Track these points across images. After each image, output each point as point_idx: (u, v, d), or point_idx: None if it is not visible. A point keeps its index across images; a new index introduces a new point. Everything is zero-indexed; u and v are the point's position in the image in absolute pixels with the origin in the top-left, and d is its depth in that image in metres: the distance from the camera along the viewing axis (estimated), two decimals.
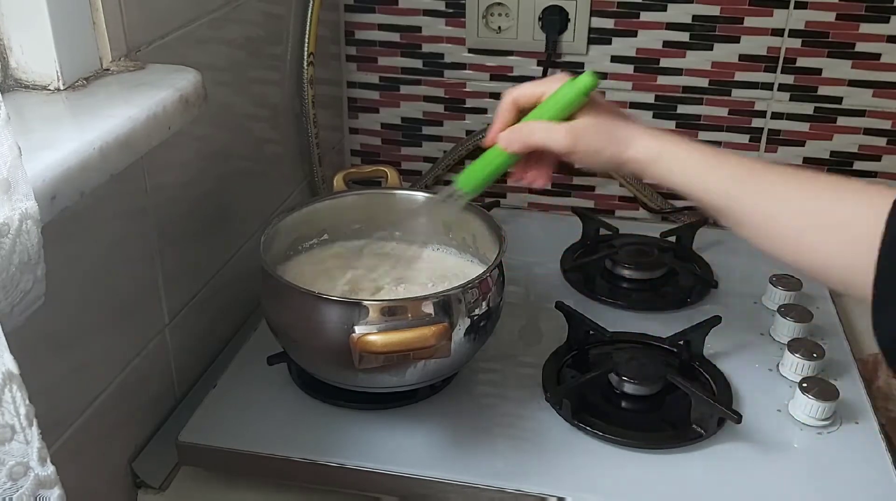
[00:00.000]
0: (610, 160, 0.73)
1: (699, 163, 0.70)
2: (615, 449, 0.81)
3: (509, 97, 0.76)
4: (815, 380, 0.85)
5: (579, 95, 0.72)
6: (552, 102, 0.73)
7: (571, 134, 0.72)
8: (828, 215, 0.66)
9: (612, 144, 0.72)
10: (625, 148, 0.72)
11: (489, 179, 0.78)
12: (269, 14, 1.04)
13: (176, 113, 0.69)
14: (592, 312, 0.96)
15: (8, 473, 0.43)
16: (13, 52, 0.67)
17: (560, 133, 0.72)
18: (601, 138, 0.72)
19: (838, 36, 1.14)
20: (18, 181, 0.46)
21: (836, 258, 0.65)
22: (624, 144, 0.72)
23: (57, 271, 0.54)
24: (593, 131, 0.72)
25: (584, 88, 0.72)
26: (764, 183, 0.69)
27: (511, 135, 0.74)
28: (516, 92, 0.76)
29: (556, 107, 0.73)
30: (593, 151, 0.72)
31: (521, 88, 0.75)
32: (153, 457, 0.84)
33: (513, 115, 0.76)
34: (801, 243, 0.67)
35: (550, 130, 0.73)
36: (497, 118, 0.76)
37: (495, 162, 0.76)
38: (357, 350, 0.73)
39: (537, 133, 0.73)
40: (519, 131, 0.74)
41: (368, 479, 0.79)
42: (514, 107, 0.76)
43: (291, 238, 0.92)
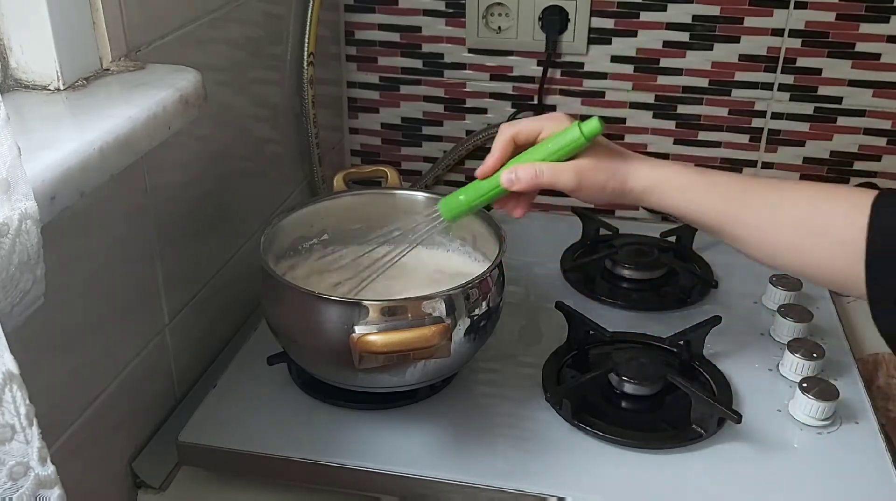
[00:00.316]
0: (612, 194, 0.76)
1: (693, 187, 0.75)
2: (615, 449, 0.81)
3: (508, 133, 0.78)
4: (815, 380, 0.85)
5: (586, 142, 0.75)
6: (557, 145, 0.75)
7: (578, 175, 0.75)
8: (815, 221, 0.70)
9: (613, 180, 0.75)
10: (624, 181, 0.75)
11: (474, 208, 0.80)
12: (269, 14, 1.04)
13: (176, 113, 0.69)
14: (592, 312, 0.96)
15: (8, 473, 0.43)
16: (13, 52, 0.67)
17: (568, 174, 0.75)
18: (604, 175, 0.75)
19: (838, 36, 1.14)
20: (18, 181, 0.46)
21: (829, 261, 0.69)
22: (623, 177, 0.75)
23: (57, 271, 0.54)
24: (596, 170, 0.75)
25: (591, 135, 0.74)
26: (755, 199, 0.74)
27: (517, 175, 0.76)
28: (515, 128, 0.78)
29: (562, 150, 0.75)
30: (598, 188, 0.76)
31: (520, 124, 0.78)
32: (153, 457, 0.85)
33: (511, 150, 0.78)
34: (795, 251, 0.71)
35: (558, 171, 0.75)
36: (494, 152, 0.78)
37: (488, 195, 0.79)
38: (357, 350, 0.73)
39: (546, 175, 0.75)
40: (525, 172, 0.76)
41: (368, 479, 0.79)
42: (512, 142, 0.78)
43: (291, 238, 0.92)
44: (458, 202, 0.80)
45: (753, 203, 0.73)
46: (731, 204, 0.74)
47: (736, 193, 0.74)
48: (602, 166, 0.75)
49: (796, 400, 0.85)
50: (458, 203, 0.80)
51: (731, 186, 0.75)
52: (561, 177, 0.75)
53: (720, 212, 0.74)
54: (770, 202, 0.73)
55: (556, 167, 0.75)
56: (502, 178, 0.77)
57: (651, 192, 0.75)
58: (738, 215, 0.73)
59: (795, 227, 0.71)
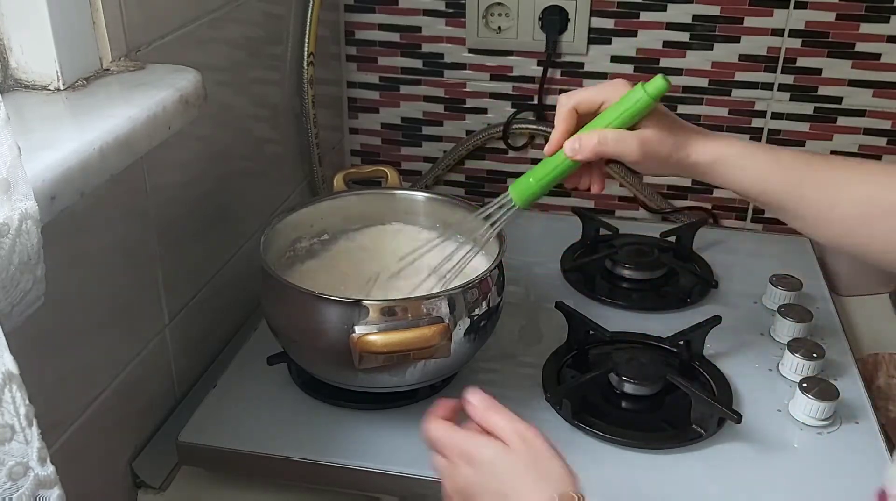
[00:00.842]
0: (675, 166, 0.74)
1: (758, 164, 0.72)
2: (615, 449, 0.81)
3: (569, 104, 0.75)
4: (815, 380, 0.85)
5: (652, 101, 0.72)
6: (621, 109, 0.72)
7: (642, 145, 0.72)
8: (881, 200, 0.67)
9: (676, 151, 0.73)
10: (688, 155, 0.73)
11: (547, 189, 0.77)
12: (269, 14, 1.04)
13: (176, 113, 0.69)
14: (592, 312, 0.96)
15: (8, 473, 0.43)
16: (13, 52, 0.67)
17: (632, 143, 0.72)
18: (668, 147, 0.73)
19: (838, 36, 1.14)
20: (18, 181, 0.46)
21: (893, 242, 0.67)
22: (687, 150, 0.73)
23: (57, 271, 0.54)
24: (661, 141, 0.73)
25: (658, 94, 0.71)
26: (820, 176, 0.71)
27: (581, 143, 0.73)
28: (575, 98, 0.75)
29: (625, 114, 0.72)
30: (662, 159, 0.73)
31: (581, 94, 0.75)
32: (153, 457, 0.84)
33: (573, 122, 0.75)
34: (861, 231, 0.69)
35: (622, 139, 0.72)
36: (558, 126, 0.75)
37: (556, 170, 0.75)
38: (357, 350, 0.73)
39: (610, 142, 0.73)
40: (589, 140, 0.73)
41: (368, 479, 0.79)
42: (574, 114, 0.75)
43: (291, 238, 0.92)
44: (528, 185, 0.77)
45: (818, 181, 0.71)
46: (796, 181, 0.71)
47: (801, 169, 0.72)
48: (667, 138, 0.73)
49: (796, 400, 0.85)
50: (528, 185, 0.77)
51: (796, 163, 0.72)
52: (626, 146, 0.72)
53: (785, 190, 0.72)
54: (835, 180, 0.70)
55: (622, 135, 0.72)
56: (565, 148, 0.74)
57: (715, 167, 0.73)
58: (803, 194, 0.71)
59: (859, 205, 0.69)
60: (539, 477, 0.61)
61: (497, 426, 0.64)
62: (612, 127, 0.73)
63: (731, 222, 1.28)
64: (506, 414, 0.65)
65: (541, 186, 0.76)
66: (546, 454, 0.63)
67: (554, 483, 0.61)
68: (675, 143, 0.73)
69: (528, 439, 0.63)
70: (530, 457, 0.62)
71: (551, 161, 0.76)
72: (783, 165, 0.72)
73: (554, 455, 0.62)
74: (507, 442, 0.63)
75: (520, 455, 0.62)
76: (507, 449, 0.63)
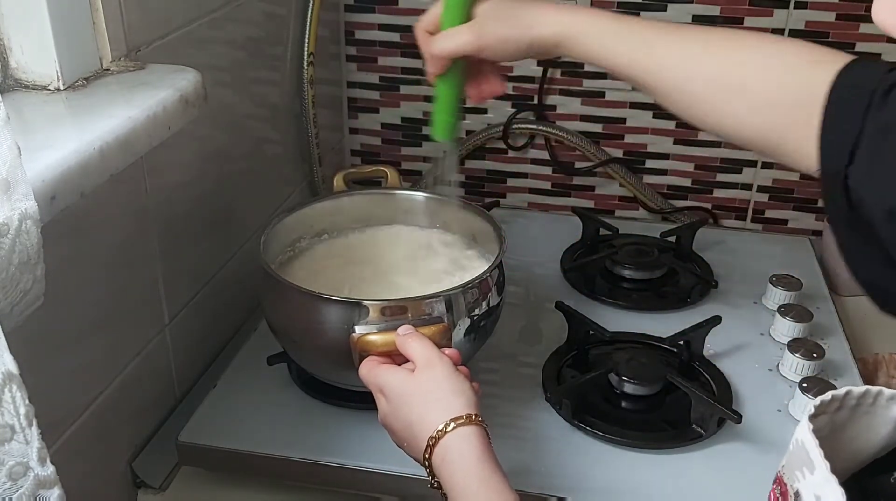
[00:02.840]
0: (518, 45, 0.71)
1: (607, 34, 0.68)
2: (615, 449, 0.81)
3: (419, 29, 0.75)
4: (815, 380, 0.85)
5: None
6: (446, 9, 0.72)
7: (473, 29, 0.70)
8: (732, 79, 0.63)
9: (516, 28, 0.70)
10: (530, 28, 0.70)
11: (454, 113, 0.78)
12: (269, 14, 1.04)
13: (176, 113, 0.69)
14: (592, 312, 0.96)
15: (8, 473, 0.43)
16: (13, 52, 0.67)
17: (464, 33, 0.71)
18: (503, 25, 0.70)
19: (838, 36, 1.14)
20: (18, 181, 0.46)
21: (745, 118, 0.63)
22: (528, 25, 0.70)
23: (57, 271, 0.54)
24: (494, 21, 0.70)
25: None
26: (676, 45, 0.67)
27: (428, 58, 0.73)
28: (423, 22, 0.74)
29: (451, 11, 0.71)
30: (501, 40, 0.70)
31: (425, 15, 0.74)
32: (153, 457, 0.85)
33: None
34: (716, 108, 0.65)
35: (453, 34, 0.71)
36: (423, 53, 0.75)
37: (443, 94, 0.76)
38: (357, 350, 0.73)
39: (442, 42, 0.72)
40: (430, 51, 0.73)
41: (368, 479, 0.79)
42: (427, 35, 0.74)
43: (291, 238, 0.92)
44: (440, 121, 0.78)
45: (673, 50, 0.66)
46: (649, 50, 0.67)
47: (652, 40, 0.67)
48: (501, 14, 0.70)
49: (796, 400, 0.85)
50: (441, 121, 0.78)
51: (649, 31, 0.68)
52: (458, 39, 0.71)
53: (633, 60, 0.67)
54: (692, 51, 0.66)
55: (452, 31, 0.71)
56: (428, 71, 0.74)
57: (561, 40, 0.69)
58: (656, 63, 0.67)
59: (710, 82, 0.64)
60: (437, 402, 0.64)
61: (412, 353, 0.68)
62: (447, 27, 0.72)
63: (731, 222, 1.28)
64: (420, 341, 0.68)
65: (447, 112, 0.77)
66: (447, 378, 0.65)
67: (451, 405, 0.63)
68: (510, 22, 0.70)
69: (433, 364, 0.66)
70: (433, 382, 0.65)
71: (437, 89, 0.77)
72: (633, 35, 0.68)
73: (455, 378, 0.65)
74: (416, 369, 0.66)
75: (422, 381, 0.65)
76: (411, 377, 0.66)
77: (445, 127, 0.79)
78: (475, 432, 0.62)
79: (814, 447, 0.43)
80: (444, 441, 0.61)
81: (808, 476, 0.43)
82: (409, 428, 0.64)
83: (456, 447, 0.61)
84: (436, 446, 0.62)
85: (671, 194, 1.28)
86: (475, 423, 0.62)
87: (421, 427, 0.63)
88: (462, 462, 0.61)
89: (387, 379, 0.67)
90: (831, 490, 0.41)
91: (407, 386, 0.66)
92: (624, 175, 1.26)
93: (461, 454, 0.61)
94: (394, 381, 0.67)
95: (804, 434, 0.44)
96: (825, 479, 0.41)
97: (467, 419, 0.62)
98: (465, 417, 0.62)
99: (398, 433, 0.66)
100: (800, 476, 0.44)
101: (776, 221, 1.26)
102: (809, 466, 0.43)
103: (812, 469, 0.43)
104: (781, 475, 0.46)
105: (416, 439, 0.63)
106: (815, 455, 0.42)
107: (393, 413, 0.66)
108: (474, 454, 0.61)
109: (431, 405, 0.64)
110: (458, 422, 0.62)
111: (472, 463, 0.60)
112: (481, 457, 0.61)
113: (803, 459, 0.43)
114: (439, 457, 0.61)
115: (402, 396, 0.65)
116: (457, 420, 0.62)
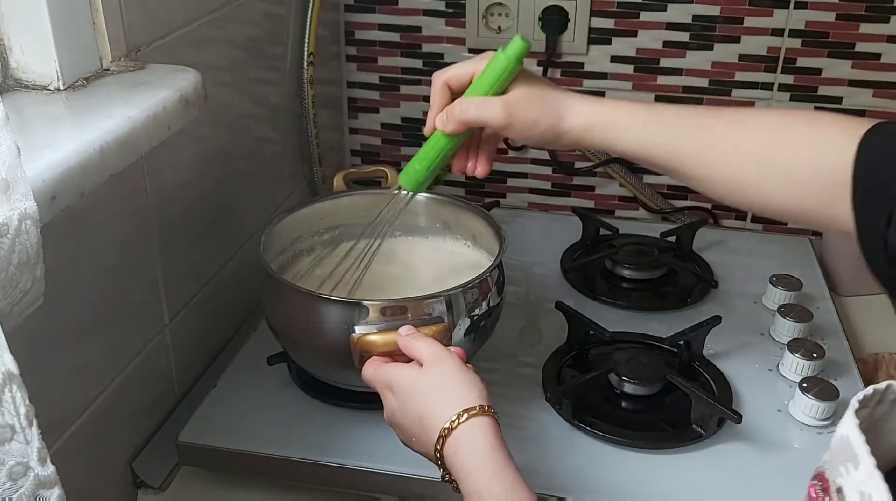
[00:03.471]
0: (547, 132, 0.71)
1: (635, 121, 0.69)
2: (615, 449, 0.81)
3: (440, 80, 0.73)
4: (815, 380, 0.85)
5: (511, 63, 0.69)
6: (485, 76, 0.70)
7: (506, 106, 0.70)
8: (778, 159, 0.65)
9: (547, 115, 0.70)
10: (560, 118, 0.70)
11: (433, 171, 0.76)
12: (269, 14, 1.04)
13: (176, 113, 0.69)
14: (592, 312, 0.96)
15: (8, 473, 0.43)
16: (13, 52, 0.67)
17: (495, 106, 0.70)
18: (536, 109, 0.70)
19: (838, 36, 1.14)
20: (17, 181, 0.46)
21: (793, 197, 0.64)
22: (559, 113, 0.70)
23: (57, 271, 0.54)
24: (528, 102, 0.70)
25: (516, 55, 0.69)
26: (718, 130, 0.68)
27: (446, 115, 0.72)
28: (447, 74, 0.73)
29: (489, 80, 0.70)
30: (530, 123, 0.70)
31: (451, 69, 0.73)
32: (153, 457, 0.85)
33: (447, 98, 0.73)
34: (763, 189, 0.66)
35: (484, 104, 0.70)
36: (432, 104, 0.73)
37: (435, 149, 0.74)
38: (357, 350, 0.73)
39: (472, 109, 0.71)
40: (452, 110, 0.71)
41: (368, 479, 0.79)
42: (446, 89, 0.73)
43: (291, 238, 0.92)
44: (414, 170, 0.76)
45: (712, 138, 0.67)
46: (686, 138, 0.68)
47: (687, 127, 0.68)
48: (534, 100, 0.70)
49: (796, 400, 0.85)
50: (415, 171, 0.76)
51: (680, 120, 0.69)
52: (488, 110, 0.70)
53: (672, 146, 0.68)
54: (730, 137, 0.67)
55: (485, 100, 0.70)
56: (436, 122, 0.72)
57: (591, 131, 0.70)
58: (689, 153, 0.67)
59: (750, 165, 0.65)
60: (449, 394, 0.64)
61: (418, 352, 0.68)
62: (480, 95, 0.71)
63: (731, 222, 1.28)
64: (425, 340, 0.68)
65: (426, 167, 0.75)
66: (458, 372, 0.65)
67: (463, 398, 0.63)
68: (542, 107, 0.70)
69: (442, 359, 0.66)
70: (443, 377, 0.65)
71: (431, 142, 0.74)
72: (665, 123, 0.69)
73: (465, 372, 0.65)
74: (425, 365, 0.66)
75: (432, 375, 0.66)
76: (420, 372, 0.66)
77: (417, 180, 0.76)
78: (488, 423, 0.62)
79: (860, 442, 0.42)
80: (457, 431, 0.61)
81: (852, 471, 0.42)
82: (420, 422, 0.64)
83: (469, 437, 0.61)
84: (448, 437, 0.62)
85: (671, 193, 1.28)
86: (488, 414, 0.63)
87: (433, 420, 0.63)
88: (475, 451, 0.61)
89: (396, 376, 0.67)
90: (875, 486, 0.40)
91: (417, 381, 0.66)
92: (624, 175, 1.26)
93: (474, 444, 0.61)
94: (403, 377, 0.67)
95: (850, 429, 0.43)
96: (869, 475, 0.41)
97: (480, 410, 0.62)
98: (477, 408, 0.62)
99: (407, 428, 0.66)
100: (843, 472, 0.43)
101: (776, 221, 1.26)
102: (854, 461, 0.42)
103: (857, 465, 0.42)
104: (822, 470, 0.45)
105: (426, 433, 0.63)
106: (860, 451, 0.42)
107: (402, 409, 0.66)
108: (488, 444, 0.61)
109: (444, 398, 0.64)
110: (472, 413, 0.62)
111: (485, 453, 0.60)
112: (495, 447, 0.61)
113: (847, 454, 0.43)
114: (452, 448, 0.61)
115: (412, 391, 0.65)
116: (469, 411, 0.62)
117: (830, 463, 0.45)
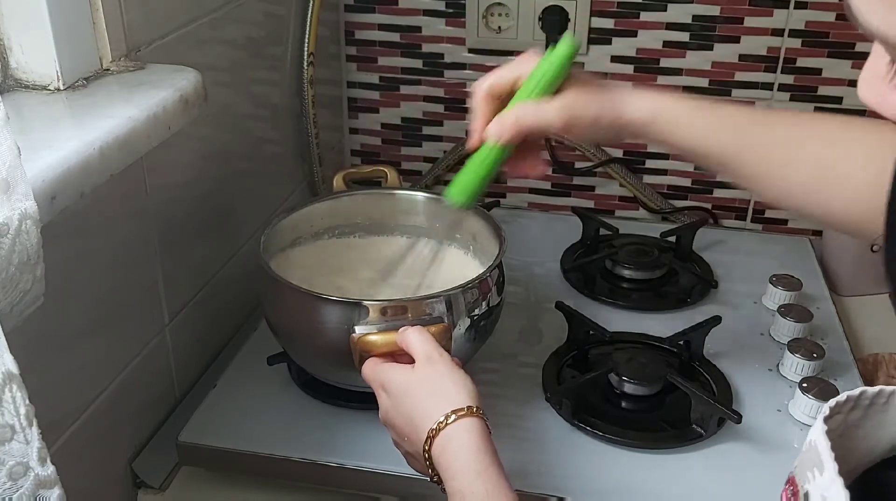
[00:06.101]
0: (608, 129, 0.68)
1: (697, 116, 0.67)
2: (615, 449, 0.81)
3: (483, 88, 0.69)
4: (815, 380, 0.85)
5: (563, 64, 0.67)
6: (535, 80, 0.68)
7: (565, 108, 0.67)
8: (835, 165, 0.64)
9: (607, 111, 0.67)
10: (620, 113, 0.68)
11: (484, 184, 0.71)
12: (269, 14, 1.04)
13: (176, 113, 0.69)
14: (592, 312, 0.96)
15: (8, 473, 0.43)
16: (13, 52, 0.67)
17: (554, 110, 0.67)
18: (595, 107, 0.67)
19: (838, 36, 1.14)
20: (18, 181, 0.46)
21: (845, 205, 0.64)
22: (619, 108, 0.68)
23: (57, 272, 0.54)
24: (585, 101, 0.68)
25: (566, 55, 0.67)
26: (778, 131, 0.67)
27: (500, 125, 0.68)
28: (489, 81, 0.69)
29: (541, 84, 0.67)
30: (590, 122, 0.68)
31: (493, 75, 0.69)
32: (153, 457, 0.85)
33: (491, 107, 0.69)
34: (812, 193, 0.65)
35: (542, 109, 0.67)
36: (476, 115, 0.70)
37: (487, 162, 0.70)
38: (357, 350, 0.73)
39: (530, 116, 0.67)
40: (506, 119, 0.68)
41: (368, 479, 0.79)
42: (490, 99, 0.69)
43: (291, 238, 0.92)
44: (463, 185, 0.71)
45: (765, 137, 0.66)
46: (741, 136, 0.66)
47: (746, 126, 0.67)
48: (592, 98, 0.67)
49: (796, 400, 0.85)
50: (464, 186, 0.71)
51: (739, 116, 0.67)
52: (546, 115, 0.67)
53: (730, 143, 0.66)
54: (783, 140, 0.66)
55: (540, 105, 0.67)
56: (490, 134, 0.68)
57: (651, 126, 0.67)
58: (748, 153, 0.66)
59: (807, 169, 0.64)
60: (439, 395, 0.64)
61: (412, 347, 0.68)
62: (531, 99, 0.68)
63: (731, 222, 1.28)
64: (421, 335, 0.69)
65: (479, 180, 0.70)
66: (448, 371, 0.65)
67: (452, 399, 0.63)
68: (601, 103, 0.67)
69: (433, 359, 0.66)
70: (434, 376, 0.66)
71: (479, 155, 0.70)
72: (727, 121, 0.67)
73: (456, 372, 0.65)
74: (416, 364, 0.67)
75: (424, 375, 0.66)
76: (412, 371, 0.66)
77: (468, 193, 0.71)
78: (476, 424, 0.62)
79: (825, 448, 0.43)
80: (444, 431, 0.62)
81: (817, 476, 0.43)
82: (411, 422, 0.64)
83: (456, 437, 0.61)
84: (436, 437, 0.62)
85: (671, 194, 1.28)
86: (476, 415, 0.63)
87: (422, 420, 0.63)
88: (461, 452, 0.61)
89: (388, 375, 0.68)
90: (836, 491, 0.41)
91: (409, 381, 0.66)
92: (624, 175, 1.26)
93: (461, 444, 0.61)
94: (395, 376, 0.67)
95: (817, 436, 0.44)
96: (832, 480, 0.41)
97: (468, 410, 0.63)
98: (465, 409, 0.63)
99: (399, 428, 0.66)
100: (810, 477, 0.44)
101: (776, 220, 1.26)
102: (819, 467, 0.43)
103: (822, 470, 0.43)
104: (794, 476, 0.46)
105: (416, 432, 0.63)
106: (825, 457, 0.42)
107: (394, 408, 0.66)
108: (473, 445, 0.61)
109: (433, 398, 0.64)
110: (459, 414, 0.62)
111: (470, 454, 0.61)
112: (480, 448, 0.61)
113: (814, 460, 0.43)
114: (439, 448, 0.62)
115: (404, 390, 0.66)
116: (458, 412, 0.62)
117: (800, 469, 0.45)
